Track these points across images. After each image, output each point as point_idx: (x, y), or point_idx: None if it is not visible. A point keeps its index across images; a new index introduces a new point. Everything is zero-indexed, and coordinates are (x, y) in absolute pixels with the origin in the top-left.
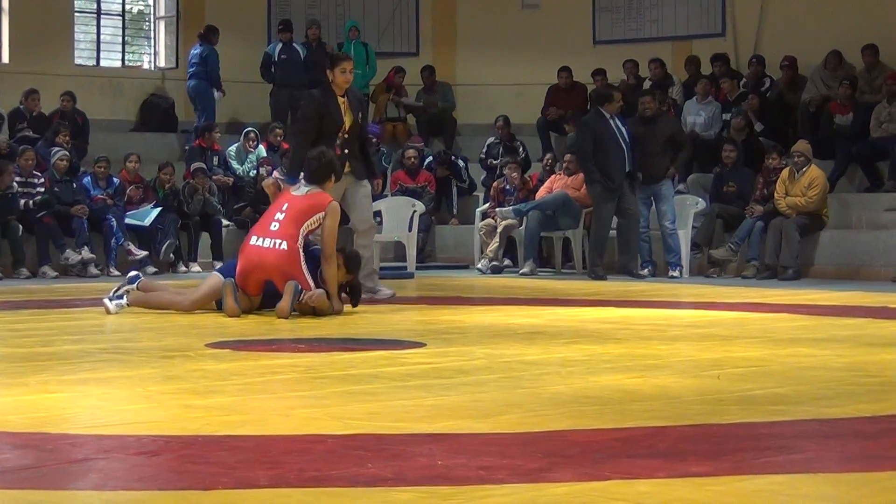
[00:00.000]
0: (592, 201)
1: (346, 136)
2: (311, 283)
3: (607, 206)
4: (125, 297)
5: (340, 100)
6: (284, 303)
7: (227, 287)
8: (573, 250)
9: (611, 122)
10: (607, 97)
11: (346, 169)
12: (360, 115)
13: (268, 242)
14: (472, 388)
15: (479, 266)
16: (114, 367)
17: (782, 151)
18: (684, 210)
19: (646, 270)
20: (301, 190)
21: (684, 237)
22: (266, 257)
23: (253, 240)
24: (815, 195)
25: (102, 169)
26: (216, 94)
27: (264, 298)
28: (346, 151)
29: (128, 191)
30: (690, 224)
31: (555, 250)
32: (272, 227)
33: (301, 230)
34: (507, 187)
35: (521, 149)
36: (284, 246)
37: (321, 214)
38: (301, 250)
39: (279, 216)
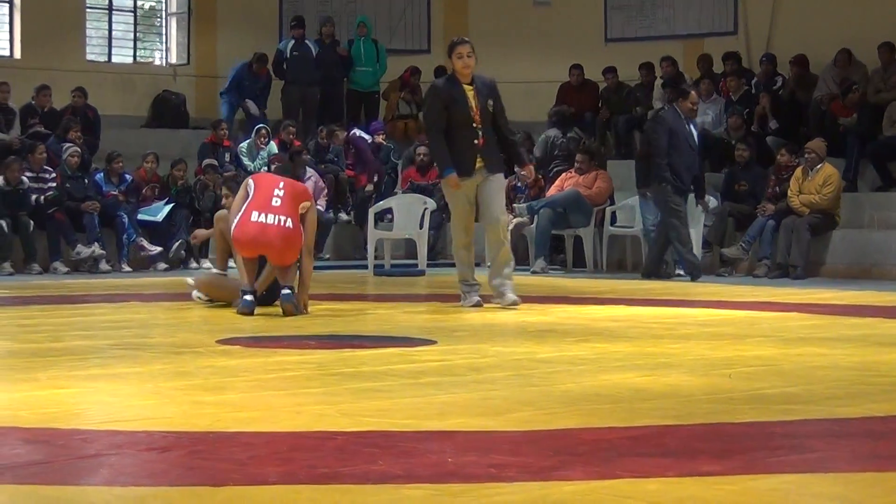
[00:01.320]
0: (661, 203)
1: (477, 126)
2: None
3: (678, 204)
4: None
5: (467, 88)
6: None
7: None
8: (584, 248)
9: (684, 121)
10: (683, 94)
11: (478, 164)
12: (490, 102)
13: (271, 218)
14: (483, 385)
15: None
16: (125, 362)
17: (794, 149)
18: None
19: (681, 270)
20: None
21: (695, 236)
22: (269, 233)
23: (254, 216)
24: (829, 193)
25: (119, 165)
26: (252, 106)
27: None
28: (477, 142)
29: (143, 190)
30: (702, 223)
31: (566, 248)
32: (274, 203)
33: (298, 210)
34: (519, 185)
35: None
36: (290, 224)
37: (307, 204)
38: (301, 233)
39: (279, 193)
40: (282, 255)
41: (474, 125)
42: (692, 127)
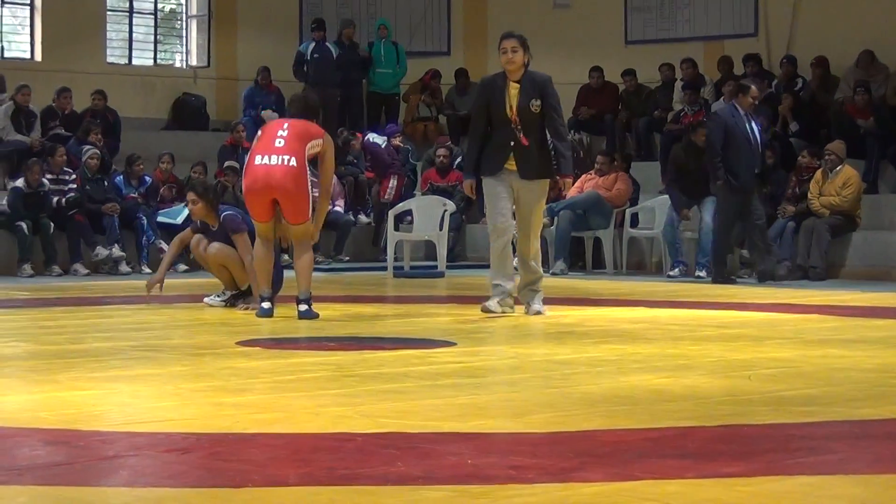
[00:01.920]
0: (717, 203)
1: (515, 126)
2: (310, 209)
3: (731, 205)
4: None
5: (513, 84)
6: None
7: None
8: (604, 250)
9: (744, 117)
10: (743, 89)
11: (510, 166)
12: (536, 102)
13: (275, 160)
14: (503, 387)
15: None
16: (144, 364)
17: (816, 152)
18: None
19: (704, 272)
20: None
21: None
22: (274, 174)
23: (258, 159)
24: (849, 194)
25: (140, 168)
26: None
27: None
28: (513, 144)
29: (161, 190)
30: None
31: (586, 250)
32: (277, 144)
33: (305, 149)
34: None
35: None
36: (294, 162)
37: (319, 141)
38: (307, 166)
39: (282, 133)
40: (287, 194)
41: (512, 125)
42: (753, 123)
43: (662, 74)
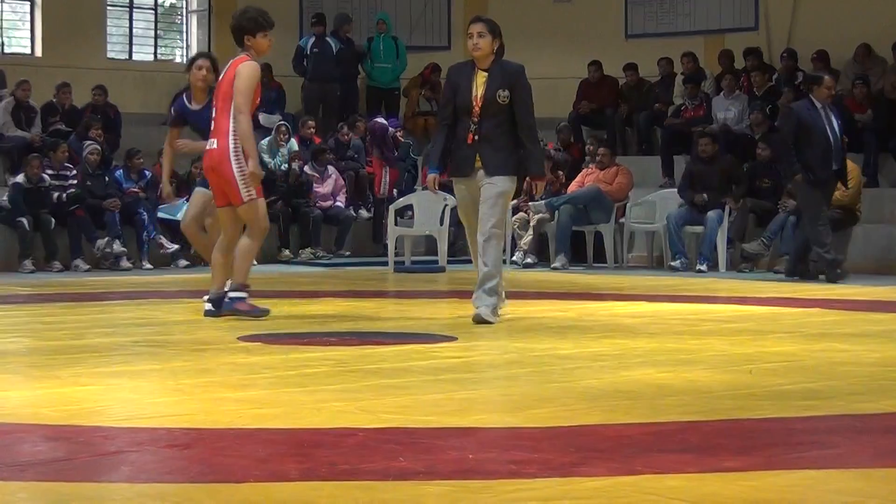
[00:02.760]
0: (798, 199)
1: (475, 118)
2: (239, 184)
3: (814, 199)
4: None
5: (481, 73)
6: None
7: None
8: (604, 244)
9: (821, 111)
10: (816, 80)
11: (477, 163)
12: (504, 92)
13: (210, 144)
14: (504, 382)
15: (515, 258)
16: (146, 360)
17: None
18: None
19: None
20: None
21: (721, 233)
22: (209, 160)
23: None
24: (850, 188)
25: (140, 161)
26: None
27: None
28: (477, 138)
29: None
30: (726, 221)
31: (587, 244)
32: (211, 128)
33: (230, 115)
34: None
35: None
36: (215, 144)
37: (242, 72)
38: (230, 142)
39: (213, 113)
40: (216, 176)
41: (473, 117)
42: (832, 115)
43: (661, 69)
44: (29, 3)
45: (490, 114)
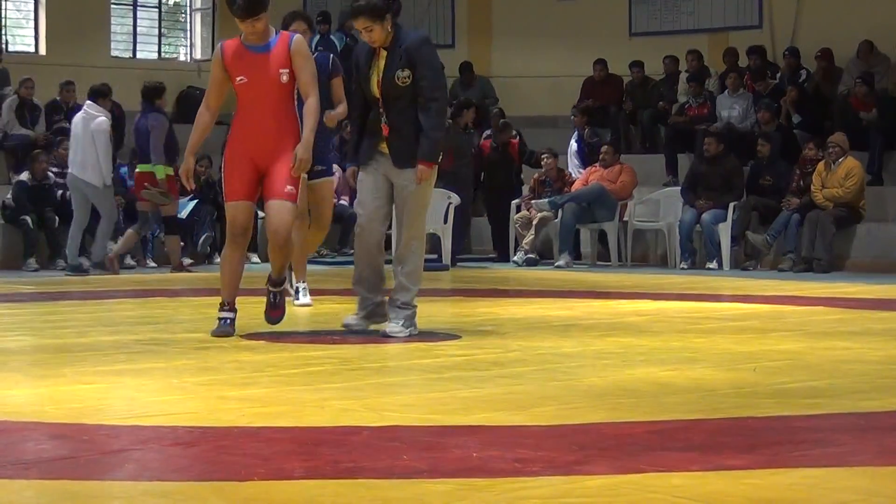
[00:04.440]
0: None
1: (378, 107)
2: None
3: None
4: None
5: (381, 53)
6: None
7: None
8: (608, 243)
9: None
10: None
11: (383, 148)
12: (405, 72)
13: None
14: (507, 380)
15: (515, 258)
16: (149, 358)
17: (820, 143)
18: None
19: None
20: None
21: (725, 230)
22: None
23: None
24: (852, 185)
25: None
26: None
27: None
28: (385, 126)
29: None
30: (730, 219)
31: (591, 243)
32: None
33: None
34: (547, 179)
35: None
36: None
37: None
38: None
39: None
40: None
41: (379, 105)
42: None
43: (665, 67)
44: (33, 1)
45: (393, 98)
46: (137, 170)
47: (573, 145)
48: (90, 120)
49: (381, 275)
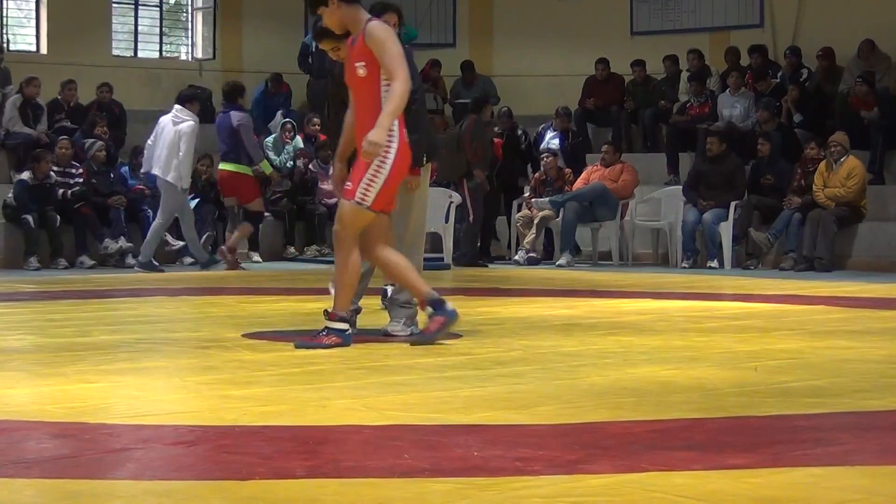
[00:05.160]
0: None
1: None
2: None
3: None
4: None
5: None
6: None
7: None
8: (610, 242)
9: None
10: None
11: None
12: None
13: None
14: (509, 379)
15: (517, 257)
16: (151, 357)
17: (822, 143)
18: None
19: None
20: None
21: (725, 229)
22: None
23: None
24: (854, 185)
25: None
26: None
27: None
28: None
29: None
30: (731, 217)
31: (592, 242)
32: None
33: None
34: (547, 179)
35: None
36: None
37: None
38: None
39: None
40: None
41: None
42: None
43: (667, 68)
44: (34, 0)
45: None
46: (220, 167)
47: (554, 143)
48: (178, 123)
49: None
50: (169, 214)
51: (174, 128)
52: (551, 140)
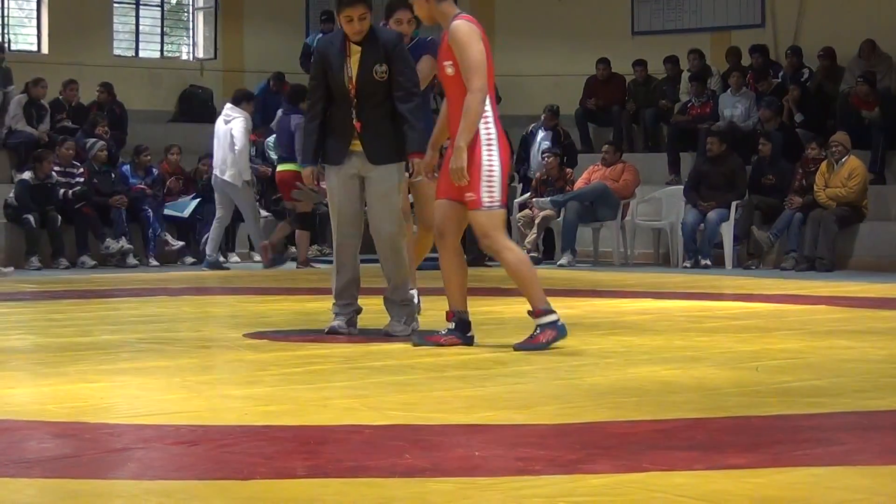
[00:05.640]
0: None
1: (351, 104)
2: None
3: None
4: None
5: (354, 48)
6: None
7: None
8: (611, 242)
9: None
10: None
11: (356, 146)
12: (382, 68)
13: None
14: (510, 379)
15: None
16: (152, 357)
17: (823, 143)
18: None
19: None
20: None
21: (727, 229)
22: None
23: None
24: (855, 185)
25: (147, 158)
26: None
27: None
28: (357, 122)
29: (168, 182)
30: (733, 217)
31: (593, 241)
32: None
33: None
34: (548, 179)
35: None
36: None
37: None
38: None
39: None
40: None
41: (351, 102)
42: None
43: (667, 69)
44: (35, 0)
45: (368, 93)
46: (279, 168)
47: (543, 143)
48: (229, 121)
49: (359, 280)
50: (252, 210)
51: (226, 126)
52: (543, 140)
